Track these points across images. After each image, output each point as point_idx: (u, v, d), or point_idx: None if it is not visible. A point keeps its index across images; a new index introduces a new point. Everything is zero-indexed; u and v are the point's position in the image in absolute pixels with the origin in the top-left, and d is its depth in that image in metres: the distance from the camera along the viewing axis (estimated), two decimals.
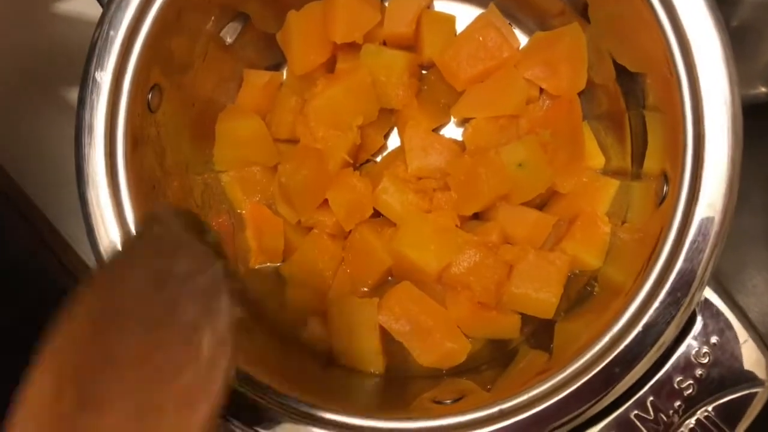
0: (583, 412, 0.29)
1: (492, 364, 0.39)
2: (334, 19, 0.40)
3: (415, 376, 0.39)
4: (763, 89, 0.48)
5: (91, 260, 0.43)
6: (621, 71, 0.37)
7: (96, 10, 0.32)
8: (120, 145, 0.32)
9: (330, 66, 0.42)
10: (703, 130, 0.29)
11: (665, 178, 0.32)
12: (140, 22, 0.32)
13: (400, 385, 0.38)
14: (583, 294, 0.39)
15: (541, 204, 0.41)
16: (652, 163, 0.35)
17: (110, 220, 0.32)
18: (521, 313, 0.39)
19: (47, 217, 0.49)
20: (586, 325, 0.36)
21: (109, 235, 0.32)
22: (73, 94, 0.44)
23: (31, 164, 0.50)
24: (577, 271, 0.39)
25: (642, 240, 0.34)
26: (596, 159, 0.40)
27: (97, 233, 0.32)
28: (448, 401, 0.34)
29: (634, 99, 0.38)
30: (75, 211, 0.32)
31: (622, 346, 0.29)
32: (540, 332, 0.39)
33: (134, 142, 0.33)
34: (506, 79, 0.40)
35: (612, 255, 0.38)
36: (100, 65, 0.31)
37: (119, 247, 0.30)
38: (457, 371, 0.39)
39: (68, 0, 0.49)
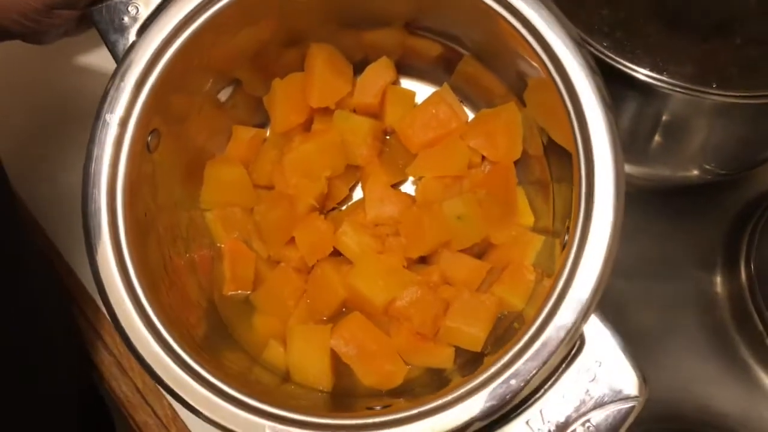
0: (486, 416, 0.34)
1: (427, 389, 0.44)
2: (311, 88, 0.47)
3: (359, 395, 0.44)
4: (695, 171, 0.54)
5: None
6: (546, 147, 0.45)
7: (109, 64, 0.40)
8: (120, 176, 0.39)
9: (307, 126, 0.49)
10: (594, 196, 0.36)
11: (567, 230, 0.38)
12: (147, 76, 0.39)
13: (345, 400, 0.44)
14: (509, 331, 0.44)
15: (480, 253, 0.47)
16: (559, 223, 0.42)
17: (107, 243, 0.38)
18: (455, 346, 0.45)
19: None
20: None
21: (107, 252, 0.38)
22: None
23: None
24: (506, 312, 0.45)
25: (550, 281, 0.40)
26: (527, 218, 0.47)
27: (96, 250, 0.38)
28: (378, 407, 0.39)
29: (556, 171, 0.45)
30: None
31: (519, 363, 0.35)
32: (471, 363, 0.44)
33: (132, 175, 0.39)
34: (452, 146, 0.47)
35: (533, 299, 0.44)
36: (111, 109, 0.39)
37: None
38: (395, 392, 0.44)
39: (86, 55, 0.57)
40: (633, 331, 0.51)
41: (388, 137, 0.51)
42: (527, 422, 0.35)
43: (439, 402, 0.36)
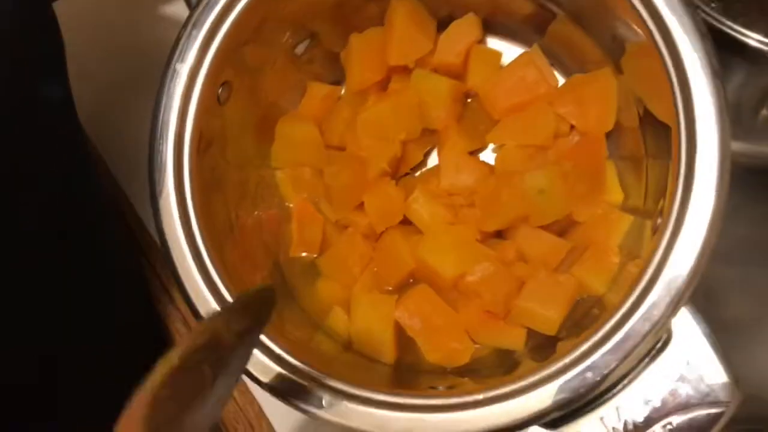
0: (556, 409, 0.32)
1: (494, 370, 0.42)
2: (390, 44, 0.45)
3: (422, 371, 0.42)
4: None
5: None
6: (642, 119, 0.41)
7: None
8: (189, 128, 0.37)
9: (384, 85, 0.47)
10: (694, 176, 0.32)
11: (660, 211, 0.35)
12: (219, 25, 0.38)
13: (408, 376, 0.42)
14: (587, 317, 0.41)
15: (561, 231, 0.44)
16: (651, 203, 0.38)
17: (172, 197, 0.37)
18: (527, 328, 0.42)
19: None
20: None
21: (171, 207, 0.37)
22: None
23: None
24: (585, 296, 0.42)
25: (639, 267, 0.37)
26: (616, 195, 0.43)
27: (160, 203, 0.37)
28: (441, 388, 0.37)
29: (652, 147, 0.41)
30: None
31: (597, 355, 0.32)
32: (543, 348, 0.42)
33: (201, 127, 0.38)
34: (538, 113, 0.44)
35: (617, 284, 0.41)
36: (181, 58, 0.37)
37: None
38: (460, 371, 0.42)
39: (166, 3, 0.56)
40: (725, 320, 0.47)
41: (469, 100, 0.48)
42: (601, 419, 0.32)
43: (507, 389, 0.33)
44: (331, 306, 0.44)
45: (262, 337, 0.36)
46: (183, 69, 0.37)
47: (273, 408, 0.49)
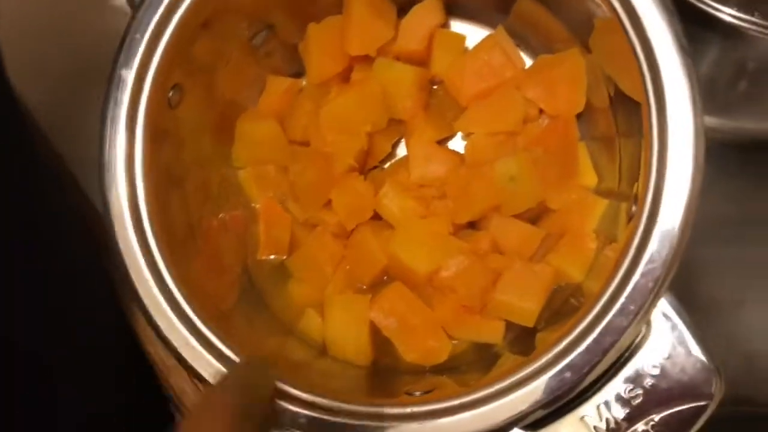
0: (533, 411, 0.31)
1: (474, 366, 0.41)
2: (349, 33, 0.43)
3: (400, 372, 0.41)
4: None
5: None
6: (612, 98, 0.39)
7: None
8: (139, 137, 0.36)
9: (346, 76, 0.45)
10: (666, 154, 0.31)
11: (635, 198, 0.34)
12: (165, 25, 0.35)
13: (386, 378, 0.41)
14: (566, 306, 0.40)
15: (534, 218, 0.43)
16: (625, 185, 0.37)
17: (124, 204, 0.35)
18: (506, 320, 0.41)
19: None
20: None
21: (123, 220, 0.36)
22: None
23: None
24: (563, 284, 0.41)
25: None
26: (590, 178, 0.42)
27: (111, 206, 0.36)
28: (418, 393, 0.36)
29: (623, 125, 0.40)
30: None
31: (575, 353, 0.31)
32: (522, 339, 0.41)
33: (153, 134, 0.36)
34: (506, 98, 0.42)
35: (594, 270, 0.40)
36: (126, 63, 0.35)
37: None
38: (440, 369, 0.41)
39: None
40: (703, 301, 0.46)
41: (434, 87, 0.46)
42: (582, 418, 0.31)
43: (484, 392, 0.32)
44: (304, 309, 0.43)
45: (231, 355, 0.34)
46: (128, 76, 0.35)
47: None
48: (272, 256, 0.45)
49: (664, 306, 0.31)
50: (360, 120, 0.43)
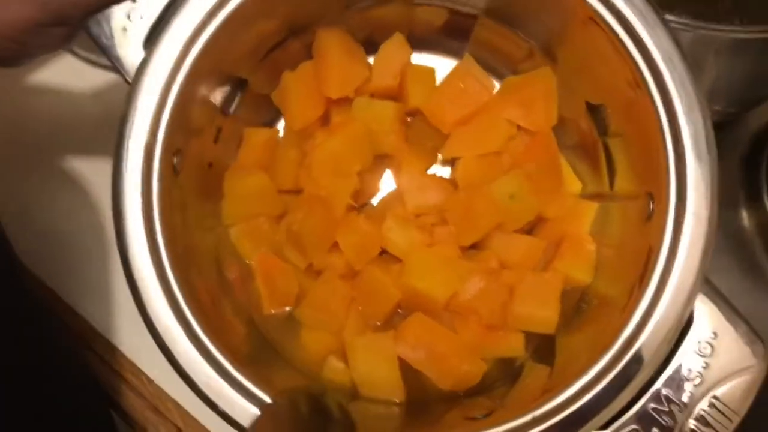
0: (611, 405, 0.32)
1: (502, 381, 0.42)
2: (327, 77, 0.43)
3: (435, 400, 0.41)
4: None
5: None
6: (589, 104, 0.42)
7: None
8: (156, 208, 0.34)
9: (325, 119, 0.45)
10: (683, 148, 0.33)
11: (650, 196, 0.36)
12: (167, 94, 0.34)
13: (422, 409, 0.41)
14: (577, 309, 0.42)
15: (529, 230, 0.45)
16: (624, 183, 0.40)
17: (152, 279, 0.34)
18: (524, 331, 0.42)
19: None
20: (584, 337, 0.40)
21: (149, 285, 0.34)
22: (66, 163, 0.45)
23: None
24: (569, 288, 0.43)
25: (630, 255, 0.38)
26: (573, 185, 0.45)
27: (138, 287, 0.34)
28: (479, 416, 0.36)
29: (602, 128, 0.43)
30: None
31: (637, 345, 0.33)
32: (542, 348, 0.42)
33: (166, 203, 0.35)
34: (489, 121, 0.44)
35: (600, 270, 0.42)
36: (133, 135, 0.34)
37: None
38: (473, 392, 0.41)
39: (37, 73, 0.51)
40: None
41: (409, 119, 0.47)
42: (650, 408, 0.33)
43: (557, 401, 0.33)
44: (323, 357, 0.42)
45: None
46: (137, 146, 0.34)
47: None
48: (279, 310, 0.44)
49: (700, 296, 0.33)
50: (350, 160, 0.43)
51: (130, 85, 0.34)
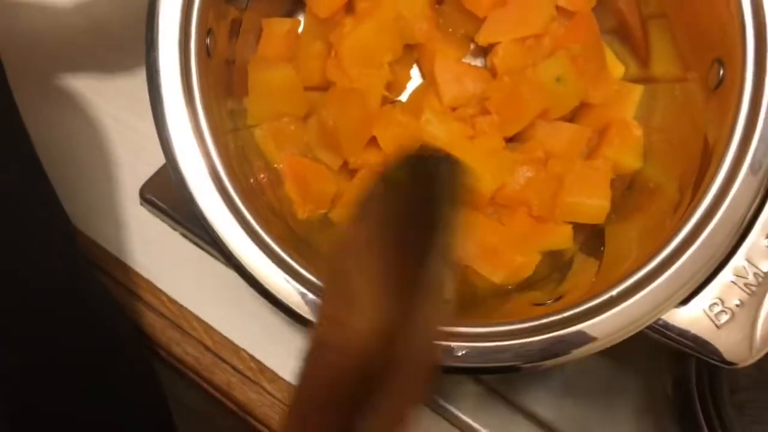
0: (690, 282, 0.31)
1: (552, 276, 0.41)
2: None
3: (484, 297, 0.40)
4: None
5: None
6: None
7: None
8: (196, 90, 0.31)
9: (349, 7, 0.42)
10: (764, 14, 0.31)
11: (720, 63, 0.34)
12: None
13: (472, 306, 0.39)
14: (626, 196, 0.41)
15: (570, 118, 0.43)
16: (667, 66, 0.38)
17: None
18: (572, 223, 0.40)
19: None
20: (634, 226, 0.39)
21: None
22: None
23: None
24: (616, 176, 0.41)
25: (681, 140, 0.36)
26: (616, 68, 0.43)
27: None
28: (549, 302, 0.35)
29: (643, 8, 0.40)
30: None
31: (716, 218, 0.31)
32: (591, 239, 0.41)
33: (204, 86, 0.32)
34: (529, 0, 0.41)
35: (649, 156, 0.40)
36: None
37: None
38: (523, 286, 0.40)
39: None
40: None
41: (438, 6, 0.44)
42: (733, 273, 0.31)
43: (631, 281, 0.31)
44: None
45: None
46: (171, 22, 0.30)
47: None
48: (314, 213, 0.41)
49: None
50: (381, 49, 0.40)
51: None
